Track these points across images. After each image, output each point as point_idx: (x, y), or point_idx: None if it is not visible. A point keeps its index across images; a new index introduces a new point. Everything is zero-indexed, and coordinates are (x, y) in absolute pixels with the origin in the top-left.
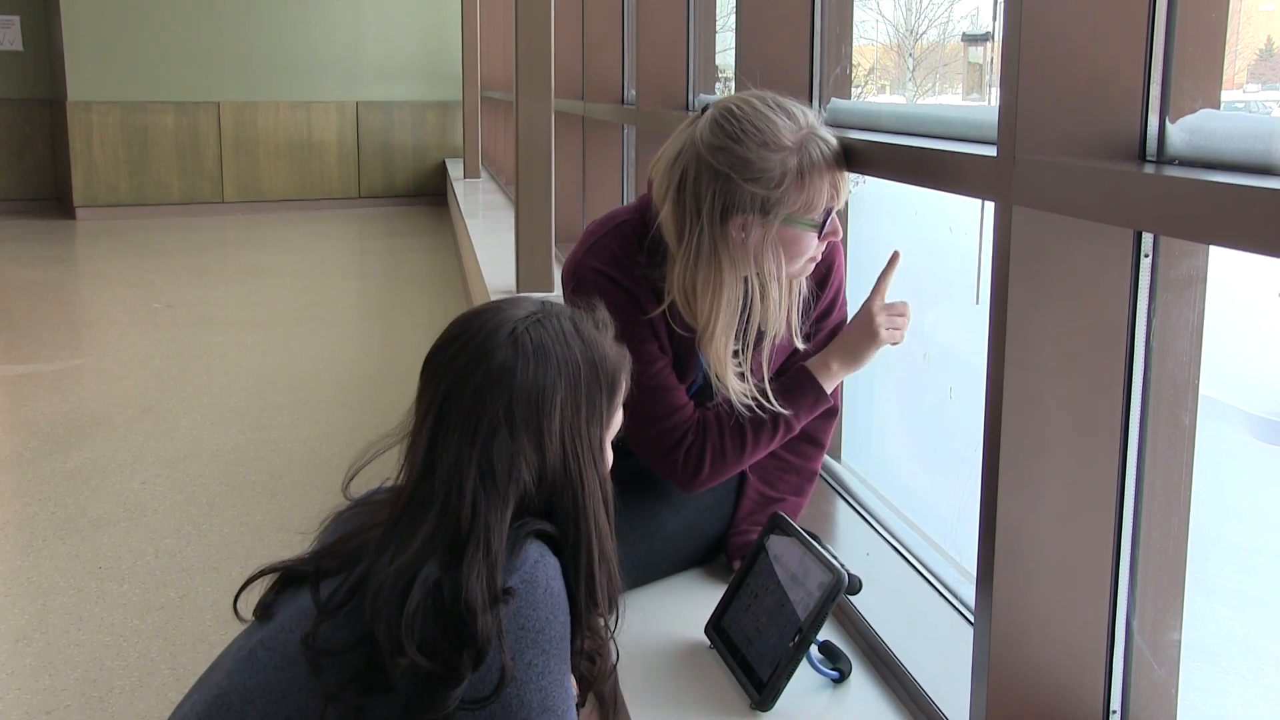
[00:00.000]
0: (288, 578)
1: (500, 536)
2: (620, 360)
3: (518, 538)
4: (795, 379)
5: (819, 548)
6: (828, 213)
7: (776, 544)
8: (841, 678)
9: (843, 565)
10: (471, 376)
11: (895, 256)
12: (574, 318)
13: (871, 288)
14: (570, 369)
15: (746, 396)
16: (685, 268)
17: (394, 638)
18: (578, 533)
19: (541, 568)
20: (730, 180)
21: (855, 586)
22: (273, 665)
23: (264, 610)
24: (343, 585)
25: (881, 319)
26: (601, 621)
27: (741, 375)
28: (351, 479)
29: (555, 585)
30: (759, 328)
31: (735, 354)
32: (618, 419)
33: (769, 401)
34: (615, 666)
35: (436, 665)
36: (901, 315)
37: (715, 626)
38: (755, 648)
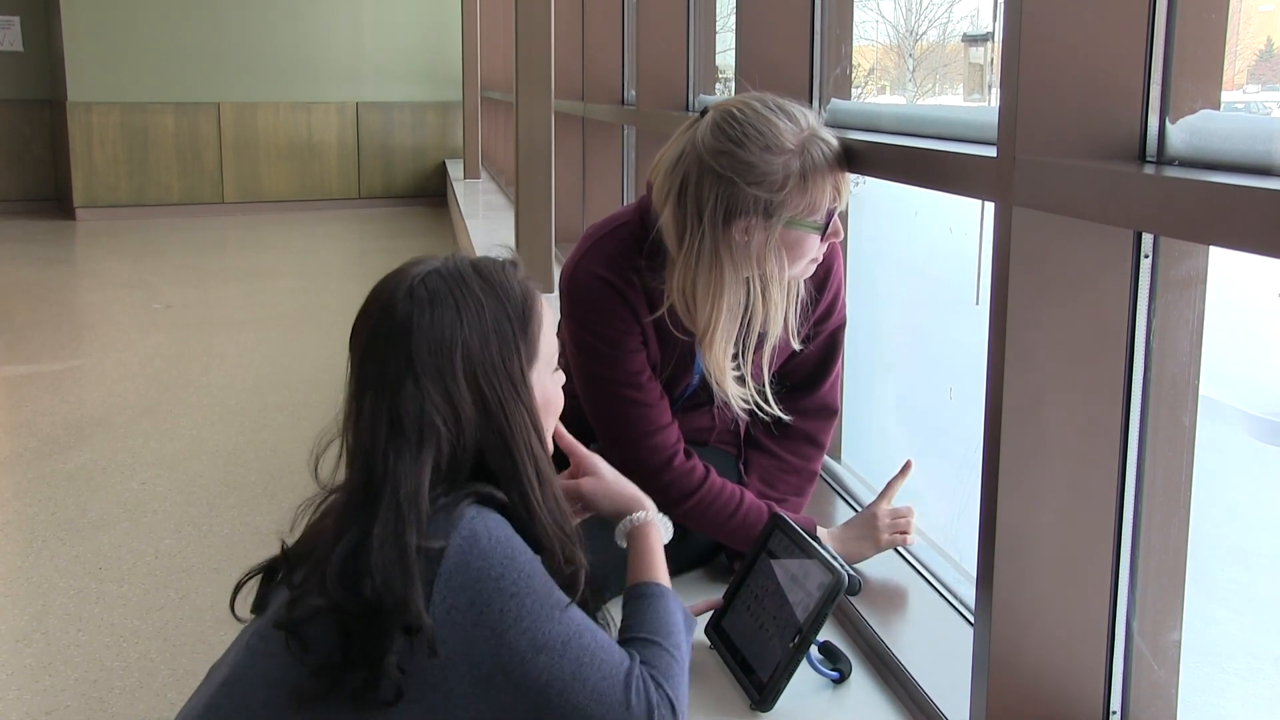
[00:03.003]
0: (272, 571)
1: (412, 485)
2: (528, 290)
3: (455, 503)
4: (793, 507)
5: (819, 548)
6: (830, 214)
7: (776, 544)
8: (841, 678)
9: (843, 566)
10: (378, 337)
11: (908, 465)
12: (475, 261)
13: (879, 491)
14: (471, 307)
15: (746, 401)
16: (686, 271)
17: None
18: (514, 465)
19: (479, 521)
20: (733, 184)
21: (855, 587)
22: (268, 653)
23: (260, 602)
24: (311, 566)
25: (885, 522)
26: (552, 549)
27: (740, 379)
28: (316, 464)
29: (499, 532)
30: (759, 331)
31: (734, 357)
32: (544, 350)
33: (768, 404)
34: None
35: (367, 629)
36: (905, 518)
37: (715, 627)
38: (755, 648)
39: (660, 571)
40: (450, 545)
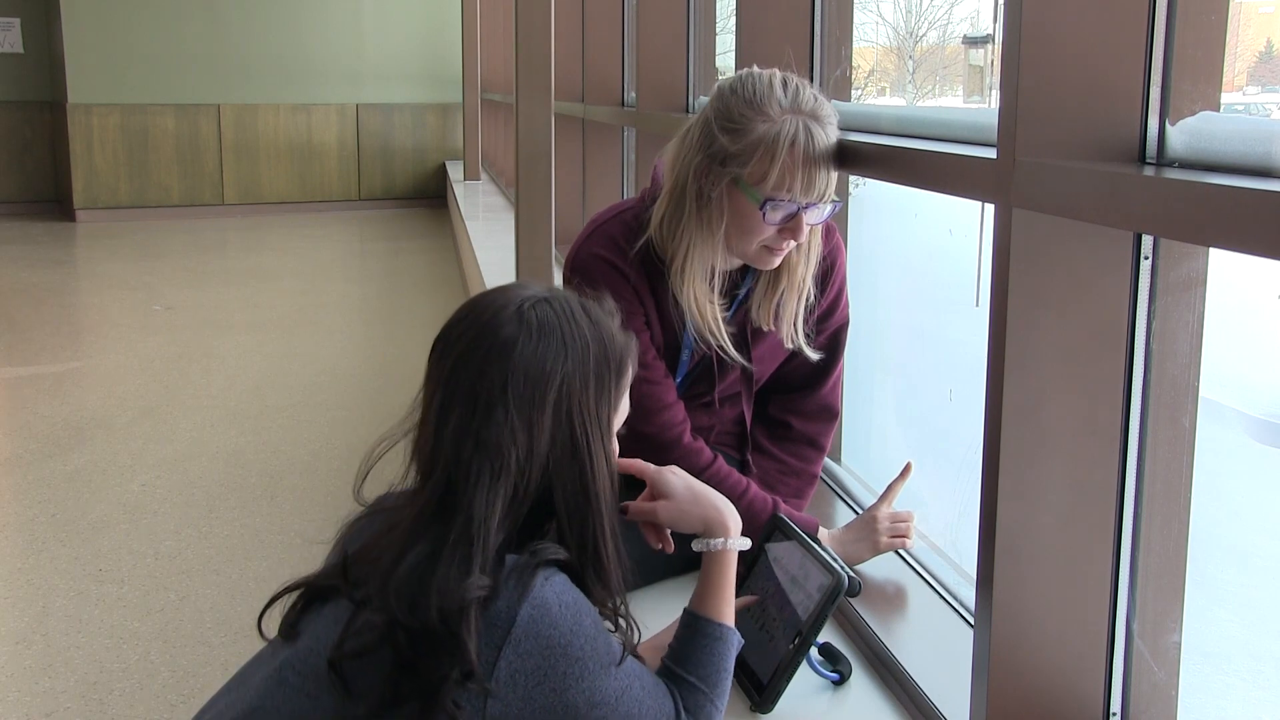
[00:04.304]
0: (311, 595)
1: (484, 512)
2: (627, 344)
3: (528, 569)
4: (792, 509)
5: (819, 550)
6: (790, 207)
7: (776, 546)
8: (841, 680)
9: (843, 567)
10: (475, 352)
11: (908, 468)
12: (581, 301)
13: (880, 494)
14: (578, 346)
15: (715, 335)
16: (665, 200)
17: (392, 609)
18: (586, 506)
19: (549, 587)
20: (711, 125)
21: (855, 589)
22: (305, 692)
23: (289, 630)
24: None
25: (885, 525)
26: (610, 599)
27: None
28: (363, 481)
29: (568, 596)
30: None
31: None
32: (624, 406)
33: (727, 349)
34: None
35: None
36: (905, 522)
37: None
38: (755, 650)
39: (728, 609)
40: (521, 613)
